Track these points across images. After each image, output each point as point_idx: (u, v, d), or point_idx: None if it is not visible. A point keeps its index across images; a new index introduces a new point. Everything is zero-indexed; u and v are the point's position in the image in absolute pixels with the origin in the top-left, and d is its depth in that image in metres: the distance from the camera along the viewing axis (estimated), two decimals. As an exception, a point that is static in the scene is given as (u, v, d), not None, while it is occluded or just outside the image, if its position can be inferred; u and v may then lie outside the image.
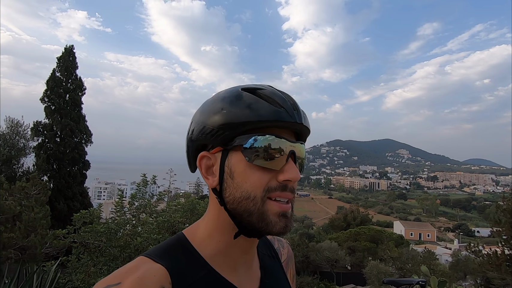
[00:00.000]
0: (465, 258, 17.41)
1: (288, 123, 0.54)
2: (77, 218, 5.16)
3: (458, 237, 51.75)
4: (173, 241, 0.60)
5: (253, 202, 0.53)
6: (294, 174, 0.53)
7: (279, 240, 0.81)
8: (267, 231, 0.53)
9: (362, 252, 22.07)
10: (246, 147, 0.53)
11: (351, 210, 38.72)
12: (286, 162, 0.54)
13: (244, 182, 0.53)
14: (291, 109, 0.55)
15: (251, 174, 0.53)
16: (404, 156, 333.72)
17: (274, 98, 0.55)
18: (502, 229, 8.73)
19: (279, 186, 0.53)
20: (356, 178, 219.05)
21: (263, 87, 0.57)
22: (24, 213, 5.75)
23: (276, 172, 0.54)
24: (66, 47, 16.53)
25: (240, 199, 0.54)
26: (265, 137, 0.53)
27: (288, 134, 0.56)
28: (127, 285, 0.48)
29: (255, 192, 0.53)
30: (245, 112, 0.53)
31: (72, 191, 15.01)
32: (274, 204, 0.53)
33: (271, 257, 0.72)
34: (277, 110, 0.53)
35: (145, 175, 6.21)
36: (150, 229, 4.99)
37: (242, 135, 0.54)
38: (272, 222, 0.53)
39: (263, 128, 0.54)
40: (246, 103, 0.54)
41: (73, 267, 4.79)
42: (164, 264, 0.54)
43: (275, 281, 0.68)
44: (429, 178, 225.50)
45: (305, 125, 0.57)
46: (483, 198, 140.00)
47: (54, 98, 15.51)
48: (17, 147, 13.83)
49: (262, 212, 0.53)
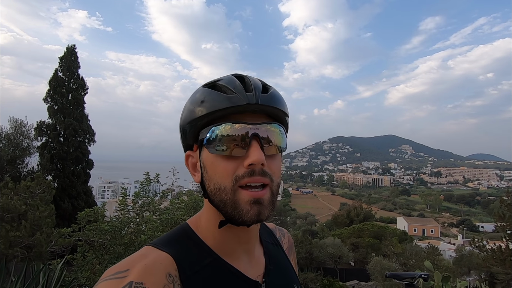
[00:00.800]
0: (469, 253, 17.35)
1: (240, 107, 0.53)
2: (81, 216, 5.22)
3: (462, 233, 51.60)
4: (178, 230, 0.62)
5: (224, 193, 0.54)
6: (255, 156, 0.52)
7: (280, 230, 0.83)
8: (240, 220, 0.53)
9: (365, 248, 22.08)
10: (206, 140, 0.55)
11: (354, 206, 38.65)
12: (249, 146, 0.53)
13: (214, 174, 0.55)
14: (244, 92, 0.54)
15: (217, 165, 0.54)
16: (407, 152, 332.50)
17: (228, 85, 0.55)
18: (506, 224, 8.70)
19: (247, 173, 0.52)
20: (359, 174, 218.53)
21: (223, 78, 0.59)
22: (29, 212, 5.81)
23: (242, 159, 0.53)
24: (68, 47, 16.58)
25: (214, 190, 0.55)
26: (221, 126, 0.53)
27: (252, 118, 0.55)
28: (135, 272, 0.50)
29: (224, 183, 0.54)
30: (200, 107, 0.55)
31: (76, 190, 15.13)
32: (244, 192, 0.53)
33: (274, 244, 0.74)
34: (228, 96, 0.54)
35: (148, 174, 6.25)
36: (154, 227, 5.03)
37: (202, 129, 0.56)
38: (244, 211, 0.52)
39: (219, 118, 0.54)
40: (200, 98, 0.56)
41: (79, 265, 4.85)
42: (170, 252, 0.55)
43: (279, 267, 0.70)
44: (432, 173, 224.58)
45: (262, 103, 0.55)
46: (487, 193, 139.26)
47: (57, 98, 15.59)
48: (21, 147, 13.92)
49: (234, 202, 0.53)
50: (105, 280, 0.49)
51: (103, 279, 0.49)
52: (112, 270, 0.51)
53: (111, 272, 0.50)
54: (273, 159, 0.56)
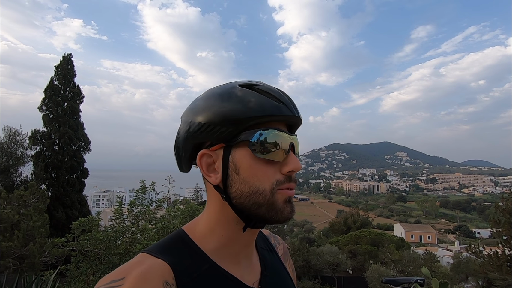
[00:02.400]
0: (466, 260, 17.35)
1: (287, 117, 0.56)
2: (76, 226, 5.13)
3: (459, 239, 51.62)
4: (174, 237, 0.61)
5: (263, 195, 0.54)
6: (297, 164, 0.56)
7: (275, 237, 0.82)
8: (277, 218, 0.55)
9: (363, 255, 21.96)
10: (252, 142, 0.54)
11: (351, 213, 38.58)
12: (287, 154, 0.56)
13: (252, 177, 0.54)
14: (289, 103, 0.57)
15: (257, 168, 0.54)
16: (403, 159, 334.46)
17: (271, 93, 0.57)
18: (502, 230, 8.74)
19: (286, 178, 0.56)
20: (355, 181, 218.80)
21: (258, 83, 0.59)
22: (22, 221, 5.71)
23: (279, 164, 0.56)
24: (64, 55, 16.57)
25: (249, 193, 0.54)
26: (269, 131, 0.54)
27: (284, 127, 0.58)
28: (131, 280, 0.48)
29: (263, 186, 0.54)
30: (248, 108, 0.54)
31: (70, 199, 14.92)
32: (280, 192, 0.55)
33: (269, 251, 0.74)
34: (278, 104, 0.55)
35: (144, 182, 6.20)
36: (149, 236, 4.97)
37: (246, 130, 0.54)
38: (281, 209, 0.55)
39: (265, 123, 0.55)
40: (247, 99, 0.55)
41: (72, 276, 4.74)
42: (166, 259, 0.53)
43: (275, 273, 0.69)
44: (428, 180, 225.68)
45: (301, 118, 0.60)
46: (482, 199, 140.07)
47: (52, 107, 15.51)
48: (15, 156, 13.76)
49: (271, 203, 0.55)
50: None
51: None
52: (107, 279, 0.49)
53: (106, 281, 0.49)
54: None
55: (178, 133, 0.62)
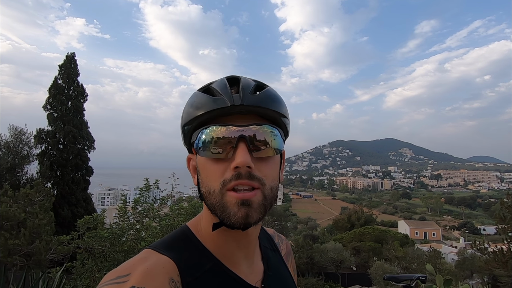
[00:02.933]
0: (471, 256, 17.23)
1: (225, 109, 0.53)
2: (81, 223, 5.19)
3: (464, 235, 51.31)
4: (179, 233, 0.61)
5: (214, 196, 0.53)
6: (240, 158, 0.50)
7: (279, 236, 0.83)
8: (228, 222, 0.52)
9: (367, 252, 21.94)
10: (195, 144, 0.55)
11: (355, 210, 38.56)
12: (236, 148, 0.52)
13: (205, 177, 0.55)
14: (230, 94, 0.53)
15: (208, 168, 0.54)
16: (407, 155, 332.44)
17: (217, 88, 0.55)
18: (507, 226, 8.68)
19: (234, 176, 0.51)
20: (359, 178, 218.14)
21: (216, 80, 0.59)
22: (28, 219, 5.79)
23: (228, 162, 0.52)
24: (68, 54, 16.69)
25: (206, 194, 0.55)
26: (208, 129, 0.53)
27: (243, 120, 0.54)
28: (136, 276, 0.48)
29: (213, 186, 0.53)
30: (190, 111, 0.56)
31: (75, 197, 15.09)
32: (232, 194, 0.51)
33: (272, 250, 0.74)
34: (214, 99, 0.54)
35: (148, 180, 6.23)
36: (153, 233, 5.01)
37: (193, 132, 0.57)
38: (231, 213, 0.51)
39: (207, 121, 0.54)
40: (191, 102, 0.57)
41: (78, 273, 4.80)
42: (171, 256, 0.54)
43: (277, 273, 0.69)
44: (432, 176, 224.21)
45: (248, 104, 0.53)
46: (488, 195, 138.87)
47: (56, 106, 15.64)
48: (21, 155, 13.91)
49: (222, 204, 0.52)
50: (106, 285, 0.48)
51: (103, 284, 0.48)
52: (113, 275, 0.49)
53: (111, 276, 0.49)
54: (265, 162, 0.55)
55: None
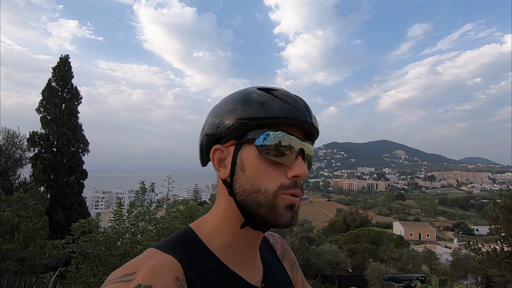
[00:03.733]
0: (465, 257, 17.42)
1: (299, 121, 0.57)
2: (75, 227, 5.13)
3: (458, 236, 51.75)
4: (181, 234, 0.62)
5: (264, 195, 0.55)
6: (303, 170, 0.55)
7: (273, 235, 0.84)
8: (275, 222, 0.55)
9: (362, 254, 22.02)
10: (258, 141, 0.55)
11: (350, 212, 38.73)
12: (295, 159, 0.56)
13: (255, 176, 0.55)
14: (303, 109, 0.58)
15: (262, 168, 0.55)
16: (401, 157, 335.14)
17: (287, 97, 0.58)
18: (500, 227, 8.78)
19: (292, 183, 0.55)
20: (354, 180, 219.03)
21: (277, 88, 0.61)
22: (22, 224, 5.70)
23: (285, 167, 0.56)
24: (61, 56, 16.55)
25: (250, 191, 0.55)
26: (277, 133, 0.55)
27: (298, 133, 0.59)
28: (142, 273, 0.49)
29: (266, 186, 0.55)
30: (259, 108, 0.56)
31: (69, 201, 14.90)
32: (284, 196, 0.55)
33: (268, 251, 0.75)
34: (290, 108, 0.57)
35: (144, 183, 6.20)
36: (149, 237, 4.98)
37: (255, 129, 0.56)
38: (280, 214, 0.55)
39: (275, 125, 0.56)
40: (260, 101, 0.57)
41: (72, 278, 4.74)
42: (175, 255, 0.54)
43: (275, 273, 0.71)
44: (426, 178, 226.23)
45: (315, 125, 0.60)
46: (480, 196, 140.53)
47: (50, 108, 15.47)
48: (14, 158, 13.72)
49: (272, 205, 0.55)
50: (112, 283, 0.48)
51: (109, 282, 0.48)
52: (119, 273, 0.50)
53: (117, 274, 0.49)
54: None
55: (202, 128, 0.65)
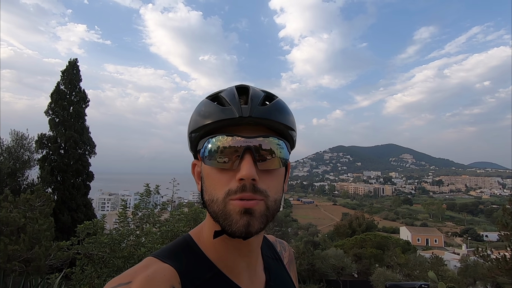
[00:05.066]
0: (474, 263, 17.07)
1: (234, 120, 0.53)
2: (81, 229, 5.17)
3: (466, 242, 50.89)
4: (180, 242, 0.62)
5: (216, 204, 0.53)
6: (245, 171, 0.50)
7: (281, 243, 0.82)
8: (230, 230, 0.52)
9: (368, 259, 21.74)
10: (202, 152, 0.56)
11: (356, 216, 38.32)
12: (242, 160, 0.52)
13: (209, 186, 0.55)
14: (238, 105, 0.54)
15: (212, 177, 0.55)
16: (408, 161, 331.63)
17: (226, 97, 0.56)
18: (510, 233, 8.59)
19: (239, 188, 0.51)
20: (360, 184, 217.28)
21: (226, 89, 0.59)
22: (28, 225, 5.77)
23: (234, 172, 0.53)
24: (70, 60, 16.82)
25: (209, 201, 0.55)
26: (215, 138, 0.53)
27: (251, 131, 0.54)
28: (137, 283, 0.49)
29: (217, 195, 0.53)
30: (197, 118, 0.57)
31: (76, 203, 15.05)
32: (235, 202, 0.52)
33: (274, 259, 0.73)
34: (223, 109, 0.54)
35: (148, 185, 6.23)
36: (153, 239, 4.98)
37: (200, 140, 0.57)
38: (233, 221, 0.51)
39: (215, 130, 0.55)
40: (198, 110, 0.58)
41: (77, 279, 4.77)
42: (173, 264, 0.54)
43: (280, 283, 0.68)
44: (434, 182, 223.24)
45: (256, 116, 0.53)
46: (490, 201, 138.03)
47: (58, 111, 15.71)
48: (22, 160, 13.93)
49: (225, 213, 0.52)
50: None
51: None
52: (114, 283, 0.50)
53: (113, 284, 0.49)
54: (270, 174, 0.55)
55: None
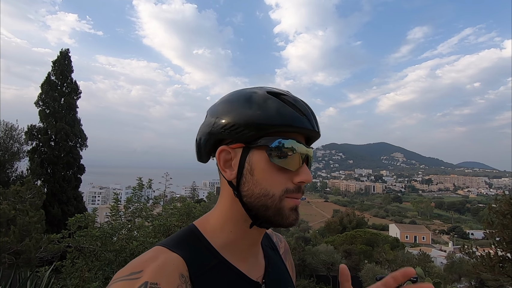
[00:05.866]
0: (460, 260, 17.51)
1: (308, 130, 0.60)
2: (72, 222, 5.12)
3: (453, 239, 52.08)
4: (186, 232, 0.64)
5: (272, 199, 0.58)
6: (308, 176, 0.60)
7: (277, 235, 0.86)
8: (281, 222, 0.59)
9: (358, 255, 22.07)
10: (271, 148, 0.58)
11: (347, 213, 38.72)
12: (301, 165, 0.60)
13: (264, 180, 0.58)
14: (311, 117, 0.61)
15: (270, 173, 0.58)
16: (399, 160, 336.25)
17: (297, 105, 0.60)
18: (495, 231, 8.82)
19: (296, 188, 0.60)
20: (351, 181, 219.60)
21: (285, 93, 0.62)
22: (18, 217, 5.69)
23: (291, 173, 0.59)
24: (62, 50, 16.47)
25: (259, 195, 0.58)
26: (288, 141, 0.58)
27: (303, 139, 0.62)
28: (149, 272, 0.51)
29: (273, 191, 0.58)
30: (271, 115, 0.58)
31: (66, 196, 14.86)
32: (289, 200, 0.59)
33: (271, 249, 0.78)
34: (300, 117, 0.59)
35: (141, 179, 6.19)
36: (146, 233, 4.97)
37: (267, 136, 0.58)
38: (286, 215, 0.59)
39: (286, 132, 0.59)
40: (274, 107, 0.59)
41: (67, 272, 4.74)
42: (180, 253, 0.57)
43: (277, 270, 0.73)
44: (423, 181, 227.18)
45: (319, 133, 0.63)
46: (476, 200, 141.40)
47: (49, 102, 15.41)
48: (11, 151, 13.68)
49: (279, 208, 0.59)
50: (120, 280, 0.50)
51: (117, 279, 0.51)
52: (126, 271, 0.52)
53: (125, 272, 0.52)
54: None
55: (202, 126, 0.65)
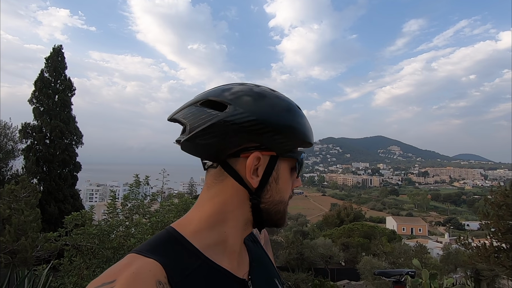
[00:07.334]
0: (456, 251, 17.72)
1: (311, 145, 0.65)
2: (68, 220, 5.10)
3: (449, 231, 52.76)
4: (163, 235, 0.59)
5: (284, 205, 0.64)
6: (300, 183, 0.68)
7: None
8: (282, 224, 0.65)
9: (355, 248, 22.30)
10: (299, 161, 0.63)
11: (345, 206, 39.00)
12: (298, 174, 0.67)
13: (284, 188, 0.63)
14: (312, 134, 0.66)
15: (288, 181, 0.64)
16: (396, 153, 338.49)
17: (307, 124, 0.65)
18: (490, 222, 8.93)
19: (292, 193, 0.67)
20: (349, 175, 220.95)
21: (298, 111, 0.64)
22: (14, 216, 5.65)
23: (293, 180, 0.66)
24: (55, 47, 16.23)
25: (277, 202, 0.62)
26: (304, 154, 0.65)
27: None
28: (122, 281, 0.47)
29: (286, 197, 0.64)
30: (310, 133, 0.63)
31: (63, 194, 14.78)
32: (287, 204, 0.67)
33: (253, 241, 0.75)
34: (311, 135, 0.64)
35: (138, 176, 6.17)
36: (143, 230, 4.97)
37: (296, 149, 0.63)
38: (285, 218, 0.65)
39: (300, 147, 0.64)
40: (308, 124, 0.64)
41: (65, 270, 4.73)
42: (157, 258, 0.52)
43: (260, 263, 0.72)
44: (420, 173, 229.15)
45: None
46: (472, 192, 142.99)
47: (42, 99, 15.22)
48: (5, 150, 13.54)
49: (285, 212, 0.65)
50: None
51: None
52: (97, 282, 0.47)
53: (96, 284, 0.47)
54: None
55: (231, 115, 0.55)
